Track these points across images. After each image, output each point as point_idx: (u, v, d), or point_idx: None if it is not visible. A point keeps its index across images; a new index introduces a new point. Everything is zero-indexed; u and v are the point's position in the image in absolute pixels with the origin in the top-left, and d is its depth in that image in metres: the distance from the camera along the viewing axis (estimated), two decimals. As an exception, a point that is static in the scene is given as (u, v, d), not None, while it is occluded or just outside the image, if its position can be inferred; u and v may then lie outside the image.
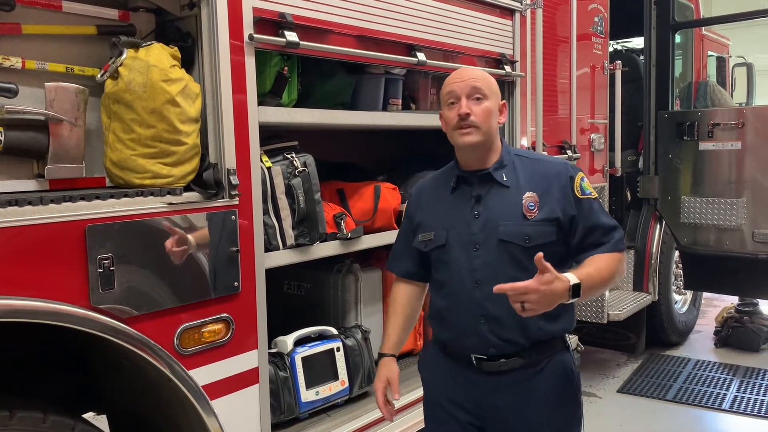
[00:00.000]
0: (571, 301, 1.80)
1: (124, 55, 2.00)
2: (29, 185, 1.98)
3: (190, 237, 2.07)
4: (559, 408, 2.01)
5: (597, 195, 2.02)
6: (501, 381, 1.99)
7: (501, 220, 1.96)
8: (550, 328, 1.98)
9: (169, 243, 2.02)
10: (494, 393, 2.00)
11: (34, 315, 1.72)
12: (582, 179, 2.00)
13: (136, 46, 2.03)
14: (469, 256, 1.98)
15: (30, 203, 1.73)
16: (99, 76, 2.04)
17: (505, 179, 2.00)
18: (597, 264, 1.91)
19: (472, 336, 1.99)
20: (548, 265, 1.73)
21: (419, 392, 3.04)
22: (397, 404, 2.92)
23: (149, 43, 2.07)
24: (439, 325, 2.13)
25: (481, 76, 2.01)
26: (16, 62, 1.93)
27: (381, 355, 2.24)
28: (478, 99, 1.97)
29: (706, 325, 6.10)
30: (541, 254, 1.74)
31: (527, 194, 1.97)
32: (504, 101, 2.08)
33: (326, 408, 2.77)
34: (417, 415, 3.04)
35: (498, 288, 1.74)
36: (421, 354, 2.28)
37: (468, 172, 2.04)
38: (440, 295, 2.09)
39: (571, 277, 1.79)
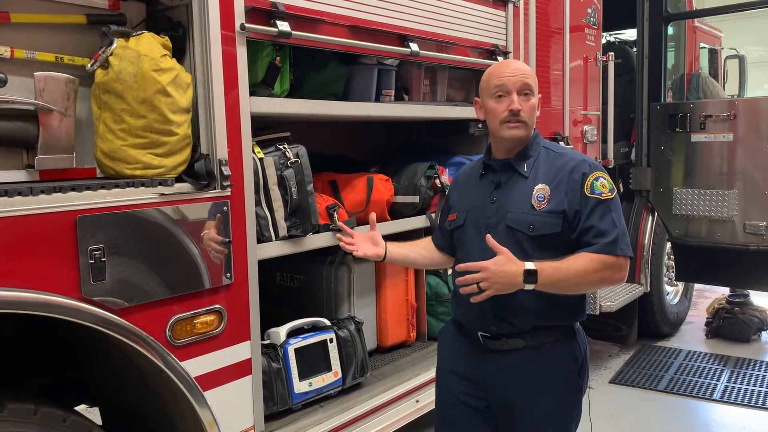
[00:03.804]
0: (528, 287, 1.89)
1: (114, 45, 1.99)
2: (19, 176, 1.96)
3: (181, 228, 2.06)
4: (556, 392, 2.07)
5: (611, 197, 2.00)
6: (504, 360, 2.08)
7: (511, 208, 2.04)
8: (553, 315, 2.04)
9: (160, 234, 2.01)
10: (498, 371, 2.09)
11: (25, 306, 1.71)
12: (596, 179, 2.01)
13: (126, 36, 2.02)
14: (481, 238, 2.05)
15: (20, 194, 1.72)
16: (89, 65, 2.02)
17: (525, 170, 2.08)
18: (572, 260, 1.95)
19: (477, 313, 2.07)
20: (502, 248, 1.88)
21: (413, 383, 3.08)
22: (391, 394, 2.95)
23: (140, 32, 2.05)
24: (454, 301, 2.24)
25: (530, 72, 2.10)
26: (4, 51, 1.91)
27: None
28: (526, 95, 2.05)
29: (697, 317, 6.13)
30: (489, 236, 1.92)
31: (539, 186, 2.04)
32: (540, 95, 2.15)
33: (319, 399, 2.77)
34: (411, 406, 3.06)
35: (459, 267, 1.89)
36: (441, 329, 2.39)
37: (494, 160, 2.15)
38: (456, 273, 2.16)
39: (529, 264, 1.89)
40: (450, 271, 2.36)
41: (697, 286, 6.38)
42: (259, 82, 2.49)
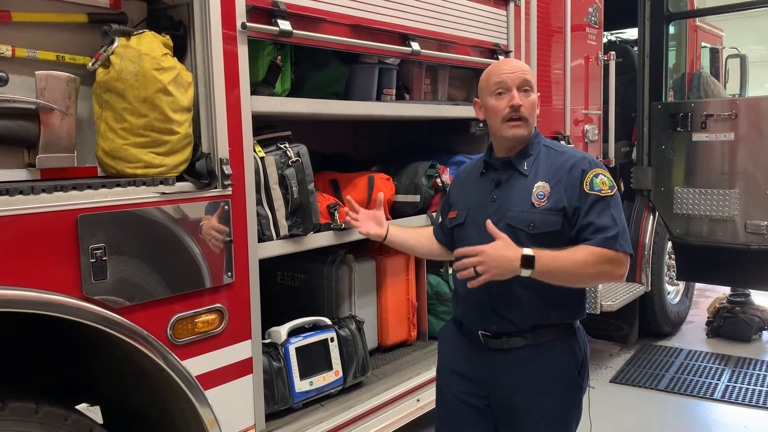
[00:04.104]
0: (524, 272, 1.88)
1: (115, 44, 1.99)
2: (20, 175, 1.97)
3: (182, 227, 2.06)
4: (556, 391, 2.07)
5: (611, 194, 1.99)
6: (504, 359, 2.07)
7: (511, 206, 2.04)
8: (552, 313, 2.04)
9: (161, 233, 2.01)
10: (498, 370, 2.08)
11: (27, 305, 1.72)
12: (596, 175, 1.99)
13: (127, 35, 2.02)
14: (481, 236, 2.04)
15: (21, 192, 1.72)
16: (90, 64, 2.02)
17: (525, 168, 2.07)
18: (573, 251, 1.93)
19: (476, 311, 2.07)
20: (501, 233, 1.90)
21: (414, 382, 3.08)
22: (392, 393, 2.95)
23: (141, 31, 2.05)
24: (455, 300, 2.24)
25: (528, 69, 2.11)
26: (6, 50, 1.91)
27: None
28: (526, 91, 2.05)
29: (698, 316, 6.13)
30: (489, 221, 1.93)
31: (539, 183, 2.03)
32: (539, 93, 2.15)
33: (320, 398, 2.77)
34: (411, 405, 3.06)
35: (458, 252, 1.93)
36: (442, 328, 2.39)
37: (495, 158, 2.15)
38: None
39: (527, 249, 1.88)
40: (450, 270, 2.36)
41: (698, 285, 6.37)
42: (261, 81, 2.49)
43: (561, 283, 1.96)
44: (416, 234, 2.48)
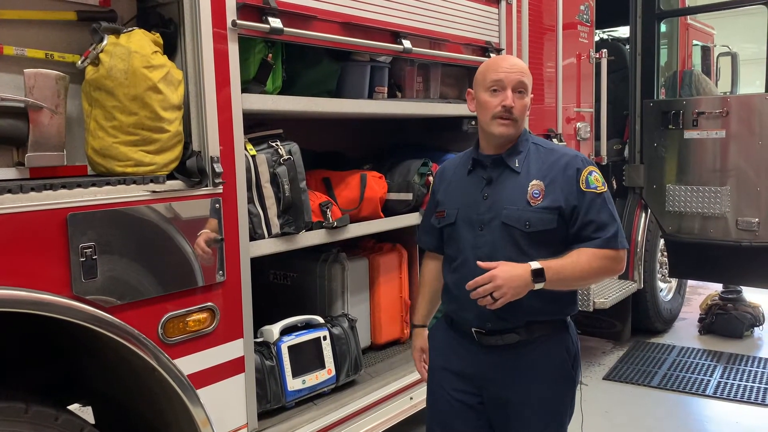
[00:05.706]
0: (537, 286, 1.90)
1: (105, 42, 1.98)
2: (9, 173, 1.95)
3: (173, 226, 2.06)
4: (551, 385, 2.09)
5: (605, 190, 2.04)
6: (498, 355, 2.08)
7: (506, 204, 2.04)
8: (547, 309, 2.05)
9: (152, 232, 2.01)
10: (491, 366, 2.09)
11: (17, 304, 1.70)
12: (590, 173, 2.04)
13: (117, 33, 2.00)
14: (474, 235, 2.07)
15: (10, 191, 1.71)
16: (79, 62, 2.01)
17: (517, 165, 2.08)
18: (576, 256, 1.98)
19: (471, 309, 2.05)
20: (495, 263, 1.92)
21: (407, 380, 3.08)
22: (385, 391, 2.95)
23: (130, 29, 2.04)
24: (446, 298, 2.23)
25: (527, 70, 2.11)
26: (-7, 48, 1.90)
27: (413, 326, 2.46)
28: (521, 93, 2.06)
29: (690, 313, 6.15)
30: (479, 262, 1.94)
31: (534, 182, 2.04)
32: (533, 95, 2.16)
33: (313, 396, 2.76)
34: (404, 403, 3.06)
35: (468, 285, 1.91)
36: (433, 324, 2.38)
37: (484, 156, 2.14)
38: (448, 269, 2.19)
39: (534, 263, 1.91)
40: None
41: (690, 282, 6.41)
42: (252, 78, 2.48)
43: (569, 287, 2.02)
44: (427, 290, 2.39)
